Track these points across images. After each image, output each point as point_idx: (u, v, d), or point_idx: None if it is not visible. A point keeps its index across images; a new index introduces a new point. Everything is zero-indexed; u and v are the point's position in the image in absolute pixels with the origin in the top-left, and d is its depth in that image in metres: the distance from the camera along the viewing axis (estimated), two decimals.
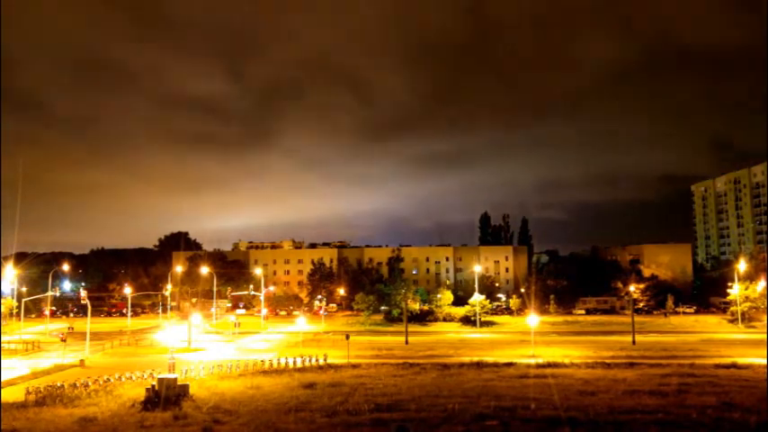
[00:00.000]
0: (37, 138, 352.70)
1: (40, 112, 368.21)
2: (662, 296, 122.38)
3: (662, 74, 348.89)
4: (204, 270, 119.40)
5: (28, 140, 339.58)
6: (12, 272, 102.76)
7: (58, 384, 44.35)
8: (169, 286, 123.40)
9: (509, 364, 55.27)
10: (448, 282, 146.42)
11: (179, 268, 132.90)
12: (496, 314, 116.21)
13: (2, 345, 67.85)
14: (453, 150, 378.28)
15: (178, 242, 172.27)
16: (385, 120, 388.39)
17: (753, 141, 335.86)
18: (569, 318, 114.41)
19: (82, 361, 59.48)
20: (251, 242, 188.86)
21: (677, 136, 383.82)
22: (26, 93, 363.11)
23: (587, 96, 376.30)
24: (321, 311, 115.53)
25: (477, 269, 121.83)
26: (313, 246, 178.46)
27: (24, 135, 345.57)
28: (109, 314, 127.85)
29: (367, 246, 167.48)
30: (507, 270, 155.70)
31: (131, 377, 47.62)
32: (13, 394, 43.34)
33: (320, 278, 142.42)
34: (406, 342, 78.58)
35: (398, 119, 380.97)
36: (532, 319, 74.47)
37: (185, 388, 39.79)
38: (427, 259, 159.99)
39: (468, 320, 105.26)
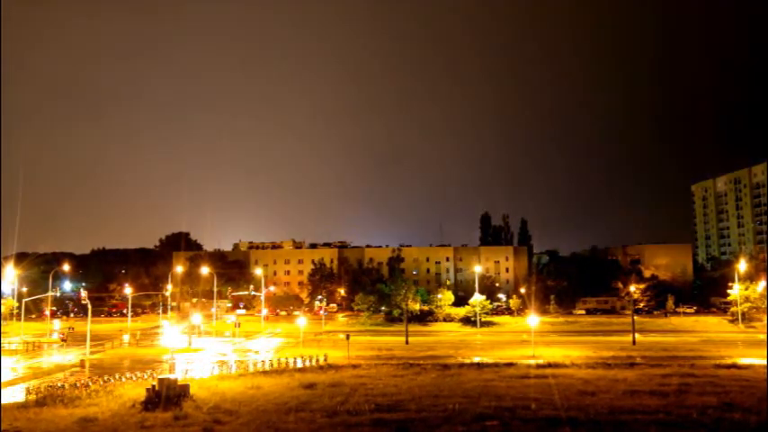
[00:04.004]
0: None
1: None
2: (662, 296, 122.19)
3: None
4: (204, 270, 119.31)
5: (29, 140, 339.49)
6: (12, 272, 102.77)
7: (59, 384, 44.41)
8: (169, 286, 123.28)
9: (509, 365, 55.25)
10: (448, 282, 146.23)
11: (179, 268, 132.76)
12: (497, 314, 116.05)
13: (2, 345, 67.88)
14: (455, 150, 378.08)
15: (179, 242, 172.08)
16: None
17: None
18: (569, 318, 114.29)
19: (82, 361, 59.37)
20: (251, 242, 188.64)
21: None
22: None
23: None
24: (321, 312, 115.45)
25: (478, 269, 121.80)
26: (313, 246, 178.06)
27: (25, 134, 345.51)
28: (109, 314, 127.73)
29: (367, 246, 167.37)
30: (507, 270, 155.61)
31: (132, 377, 47.63)
32: (13, 394, 43.39)
33: (321, 278, 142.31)
34: (407, 342, 78.57)
35: None
36: (533, 320, 74.42)
37: (186, 388, 39.76)
38: (427, 259, 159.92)
39: (468, 321, 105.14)
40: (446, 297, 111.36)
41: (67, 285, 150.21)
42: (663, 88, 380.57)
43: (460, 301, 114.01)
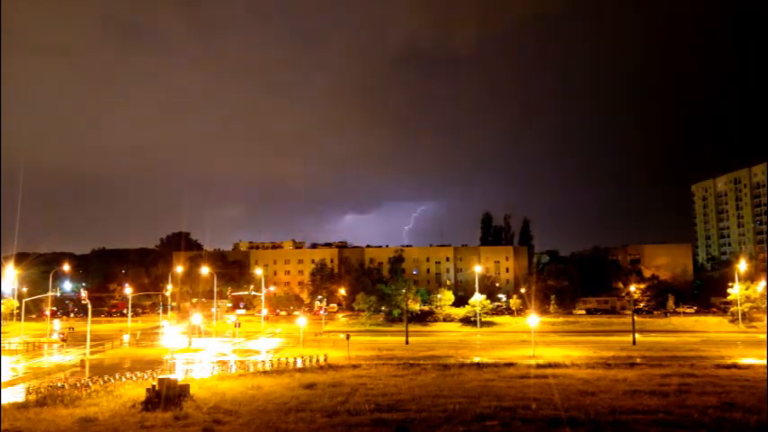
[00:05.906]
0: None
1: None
2: (662, 296, 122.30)
3: None
4: (204, 270, 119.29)
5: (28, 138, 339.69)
6: (12, 272, 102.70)
7: (59, 384, 44.42)
8: (169, 286, 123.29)
9: (509, 365, 55.24)
10: (448, 282, 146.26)
11: (179, 268, 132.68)
12: (497, 314, 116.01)
13: (3, 345, 67.89)
14: (454, 150, 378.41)
15: (179, 242, 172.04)
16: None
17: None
18: (570, 318, 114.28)
19: (82, 361, 59.33)
20: (251, 242, 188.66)
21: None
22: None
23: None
24: (321, 312, 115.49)
25: (478, 269, 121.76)
26: (314, 246, 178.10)
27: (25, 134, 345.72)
28: (109, 314, 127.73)
29: (368, 246, 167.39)
30: (508, 270, 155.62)
31: (132, 377, 47.64)
32: (13, 394, 43.38)
33: (321, 278, 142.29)
34: (407, 342, 78.57)
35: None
36: (533, 320, 74.40)
37: (186, 388, 39.74)
38: (428, 259, 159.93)
39: (468, 321, 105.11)
40: (446, 297, 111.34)
41: (68, 285, 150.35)
42: (663, 88, 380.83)
43: (461, 301, 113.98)
